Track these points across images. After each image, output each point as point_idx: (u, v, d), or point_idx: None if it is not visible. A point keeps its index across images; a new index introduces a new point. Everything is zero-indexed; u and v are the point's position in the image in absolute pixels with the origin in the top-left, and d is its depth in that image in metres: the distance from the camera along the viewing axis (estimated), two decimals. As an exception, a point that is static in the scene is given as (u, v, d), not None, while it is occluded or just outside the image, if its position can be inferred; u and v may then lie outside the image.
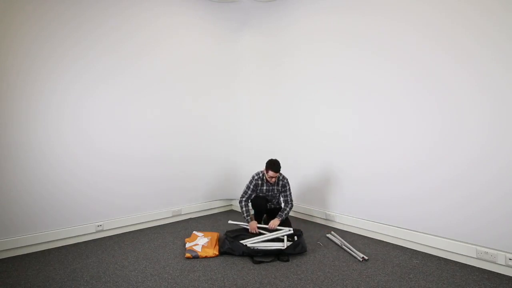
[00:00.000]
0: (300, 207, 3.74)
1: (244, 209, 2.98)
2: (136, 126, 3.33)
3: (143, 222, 3.39)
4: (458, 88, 2.45)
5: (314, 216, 3.64)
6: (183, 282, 2.12)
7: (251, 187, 3.00)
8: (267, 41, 4.12)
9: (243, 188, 3.10)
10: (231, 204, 4.34)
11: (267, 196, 3.07)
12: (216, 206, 4.14)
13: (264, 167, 2.96)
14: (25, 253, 2.65)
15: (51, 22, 2.78)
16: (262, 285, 2.09)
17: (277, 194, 3.11)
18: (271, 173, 2.87)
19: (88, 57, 2.98)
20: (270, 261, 2.47)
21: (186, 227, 3.46)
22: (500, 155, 2.25)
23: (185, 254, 2.58)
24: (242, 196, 3.03)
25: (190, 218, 3.81)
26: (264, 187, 3.03)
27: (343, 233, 3.14)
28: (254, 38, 4.18)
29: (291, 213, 2.94)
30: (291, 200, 3.07)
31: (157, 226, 3.48)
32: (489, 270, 2.28)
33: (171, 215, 3.64)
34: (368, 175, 3.08)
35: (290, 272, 2.28)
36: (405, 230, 2.79)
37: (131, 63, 3.29)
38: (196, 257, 2.54)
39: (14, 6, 2.60)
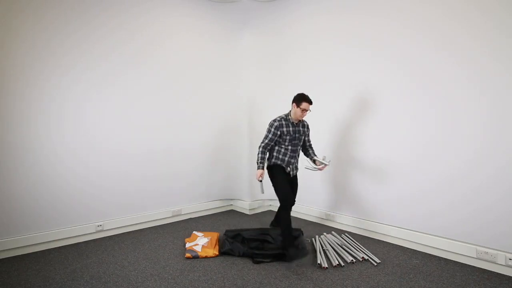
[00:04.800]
0: (300, 207, 3.74)
1: (260, 155, 2.67)
2: (136, 126, 3.33)
3: (143, 222, 3.39)
4: (456, 87, 2.45)
5: (315, 216, 3.64)
6: (183, 282, 2.12)
7: (272, 130, 2.66)
8: (267, 41, 4.12)
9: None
10: (231, 204, 4.34)
11: (295, 138, 2.73)
12: (216, 206, 4.14)
13: (293, 102, 2.66)
14: (25, 253, 2.65)
15: (52, 22, 2.78)
16: (262, 285, 2.09)
17: (303, 136, 2.82)
18: (304, 104, 2.57)
19: (89, 57, 2.98)
20: (270, 261, 2.47)
21: (186, 227, 3.46)
22: (499, 154, 2.25)
23: (185, 254, 2.59)
24: (262, 143, 2.71)
25: (190, 218, 3.81)
26: (291, 128, 2.69)
27: (343, 233, 3.14)
28: (254, 38, 4.18)
29: (292, 213, 2.94)
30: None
31: (157, 226, 3.48)
32: (489, 270, 2.28)
33: (171, 215, 3.64)
34: (367, 175, 3.08)
35: (290, 272, 2.28)
36: (405, 230, 2.79)
37: (133, 63, 3.29)
38: (196, 257, 2.54)
39: (15, 6, 2.60)
